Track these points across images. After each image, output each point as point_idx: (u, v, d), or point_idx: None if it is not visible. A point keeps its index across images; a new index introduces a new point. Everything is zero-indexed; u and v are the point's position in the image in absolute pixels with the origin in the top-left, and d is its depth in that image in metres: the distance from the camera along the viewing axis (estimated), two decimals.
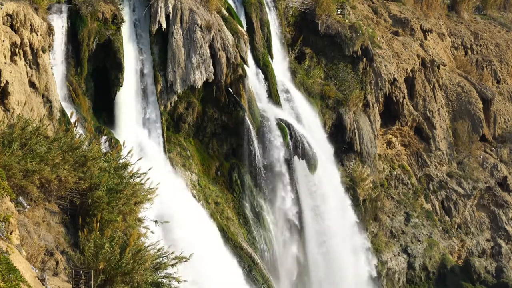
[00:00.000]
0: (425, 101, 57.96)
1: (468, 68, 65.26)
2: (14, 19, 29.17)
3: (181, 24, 38.97)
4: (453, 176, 58.18)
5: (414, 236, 53.78)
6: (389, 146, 56.35)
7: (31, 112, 27.77)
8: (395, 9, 62.35)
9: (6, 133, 19.95)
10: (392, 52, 56.38)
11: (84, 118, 33.27)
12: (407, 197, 55.44)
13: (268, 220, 42.14)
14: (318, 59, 51.10)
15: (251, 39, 44.01)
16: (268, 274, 39.89)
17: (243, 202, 41.47)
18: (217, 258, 35.92)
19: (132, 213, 21.13)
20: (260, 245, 41.08)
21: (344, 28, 50.66)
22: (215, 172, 41.58)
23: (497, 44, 69.72)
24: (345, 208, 47.33)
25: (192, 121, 40.60)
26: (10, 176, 18.66)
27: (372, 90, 52.56)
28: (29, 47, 30.14)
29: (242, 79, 41.05)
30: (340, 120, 49.14)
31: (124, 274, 18.50)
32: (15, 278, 14.00)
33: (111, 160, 22.11)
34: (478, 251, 57.06)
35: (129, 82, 37.27)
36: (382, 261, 51.15)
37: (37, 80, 30.61)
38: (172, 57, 38.64)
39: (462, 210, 57.62)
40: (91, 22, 35.11)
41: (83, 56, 35.17)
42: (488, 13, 74.41)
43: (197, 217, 37.13)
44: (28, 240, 18.12)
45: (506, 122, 64.68)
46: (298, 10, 50.92)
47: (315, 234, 44.65)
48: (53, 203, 20.46)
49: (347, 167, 49.56)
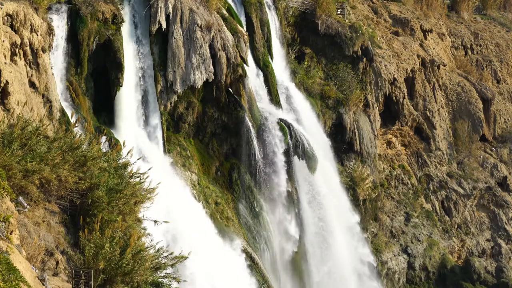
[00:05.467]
0: (425, 101, 57.96)
1: (468, 68, 65.26)
2: (14, 19, 29.16)
3: (181, 24, 38.97)
4: (453, 176, 58.18)
5: (414, 236, 53.79)
6: (389, 146, 56.35)
7: (31, 112, 27.77)
8: (395, 9, 62.35)
9: (6, 133, 19.94)
10: (392, 52, 56.38)
11: (84, 118, 33.25)
12: (407, 197, 55.44)
13: (268, 220, 42.15)
14: (318, 59, 51.10)
15: (251, 39, 44.00)
16: (268, 274, 39.91)
17: (243, 202, 41.47)
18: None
19: (132, 213, 21.13)
20: (260, 245, 41.08)
21: (344, 28, 50.65)
22: (215, 172, 41.58)
23: (497, 44, 69.72)
24: (345, 208, 47.35)
25: (192, 121, 40.60)
26: (10, 176, 18.65)
27: (372, 90, 52.55)
28: (29, 47, 30.13)
29: (242, 79, 41.05)
30: (340, 120, 49.13)
31: (124, 274, 18.51)
32: (15, 278, 13.99)
33: (111, 160, 22.10)
34: (478, 251, 57.06)
35: (129, 82, 37.26)
36: (382, 261, 51.16)
37: (37, 80, 30.61)
38: (172, 57, 38.64)
39: (462, 210, 57.62)
40: (91, 22, 35.10)
41: (83, 56, 35.16)
42: (488, 13, 74.38)
43: (197, 216, 37.14)
44: (28, 240, 18.11)
45: (506, 122, 64.68)
46: (298, 10, 50.90)
47: (314, 234, 44.66)
48: (53, 203, 20.45)
49: (347, 167, 49.56)
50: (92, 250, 18.42)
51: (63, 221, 20.42)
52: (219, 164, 41.69)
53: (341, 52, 51.00)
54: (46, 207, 20.11)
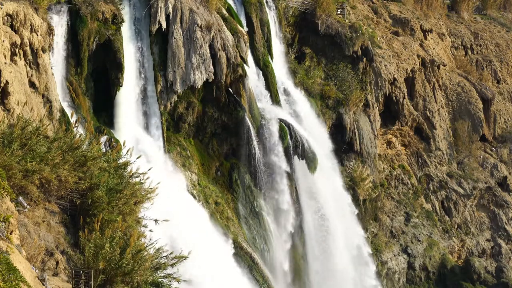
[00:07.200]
0: (425, 101, 57.96)
1: (468, 68, 65.27)
2: (14, 19, 29.16)
3: (181, 24, 38.97)
4: (453, 176, 58.19)
5: (414, 236, 53.79)
6: (389, 146, 56.35)
7: (31, 112, 27.77)
8: (395, 9, 62.36)
9: (6, 133, 19.92)
10: (392, 52, 56.38)
11: (84, 118, 33.26)
12: (407, 197, 55.45)
13: (268, 220, 42.15)
14: (318, 59, 51.11)
15: (251, 39, 44.01)
16: (268, 274, 39.91)
17: (243, 202, 41.48)
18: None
19: (132, 213, 21.11)
20: (260, 245, 41.08)
21: (344, 28, 50.66)
22: (215, 172, 41.59)
23: (497, 44, 69.73)
24: (345, 207, 47.35)
25: (192, 121, 40.60)
26: (10, 176, 18.63)
27: (372, 90, 52.56)
28: (29, 47, 30.13)
29: (242, 79, 41.05)
30: (340, 120, 49.14)
31: (124, 274, 18.49)
32: (15, 278, 13.99)
33: (111, 160, 22.08)
34: (478, 251, 57.06)
35: (129, 82, 37.27)
36: (382, 261, 51.15)
37: (37, 80, 30.61)
38: (172, 57, 38.65)
39: (462, 210, 57.62)
40: (91, 22, 35.10)
41: (83, 56, 35.17)
42: (488, 13, 74.41)
43: (197, 217, 37.15)
44: (28, 240, 18.10)
45: (506, 122, 64.69)
46: (298, 10, 50.92)
47: (315, 236, 44.67)
48: (53, 203, 20.43)
49: (347, 167, 49.56)
50: (92, 250, 18.41)
51: (63, 221, 20.40)
52: (219, 164, 41.70)
53: (341, 52, 51.02)
54: (46, 207, 20.10)
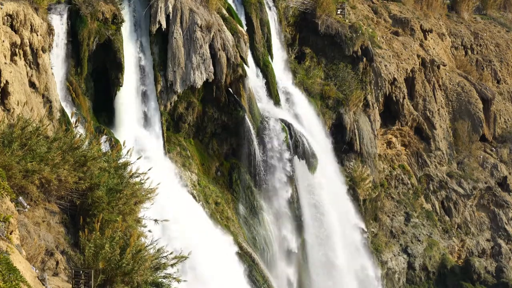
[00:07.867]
0: (425, 101, 57.96)
1: (468, 68, 65.26)
2: (14, 19, 29.17)
3: (181, 24, 38.97)
4: (453, 176, 58.18)
5: (414, 236, 53.78)
6: (389, 146, 56.35)
7: (31, 112, 27.78)
8: (395, 9, 62.35)
9: (6, 133, 19.92)
10: (392, 52, 56.38)
11: (84, 118, 33.26)
12: (407, 197, 55.44)
13: (268, 220, 42.15)
14: (318, 59, 51.10)
15: (251, 39, 44.00)
16: (268, 274, 39.91)
17: (243, 202, 41.48)
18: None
19: (132, 213, 21.11)
20: (260, 245, 41.08)
21: (344, 28, 50.66)
22: (215, 172, 41.59)
23: (497, 44, 69.72)
24: (345, 207, 47.35)
25: (192, 121, 40.60)
26: (10, 176, 18.63)
27: (372, 90, 52.56)
28: (29, 47, 30.13)
29: (242, 79, 41.05)
30: (340, 120, 49.13)
31: (124, 274, 18.49)
32: (15, 278, 13.99)
33: (111, 160, 22.08)
34: (478, 251, 57.06)
35: (129, 82, 37.26)
36: (382, 261, 51.15)
37: (37, 80, 30.61)
38: (172, 57, 38.65)
39: (462, 210, 57.62)
40: (91, 22, 35.10)
41: (83, 56, 35.16)
42: (488, 13, 74.40)
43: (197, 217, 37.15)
44: (28, 240, 18.10)
45: (506, 122, 64.68)
46: (298, 10, 50.92)
47: (316, 238, 44.66)
48: (53, 203, 20.43)
49: (347, 167, 49.56)
50: (92, 250, 18.41)
51: (63, 221, 20.40)
52: (219, 164, 41.69)
53: (341, 52, 51.01)
54: (46, 207, 20.10)
